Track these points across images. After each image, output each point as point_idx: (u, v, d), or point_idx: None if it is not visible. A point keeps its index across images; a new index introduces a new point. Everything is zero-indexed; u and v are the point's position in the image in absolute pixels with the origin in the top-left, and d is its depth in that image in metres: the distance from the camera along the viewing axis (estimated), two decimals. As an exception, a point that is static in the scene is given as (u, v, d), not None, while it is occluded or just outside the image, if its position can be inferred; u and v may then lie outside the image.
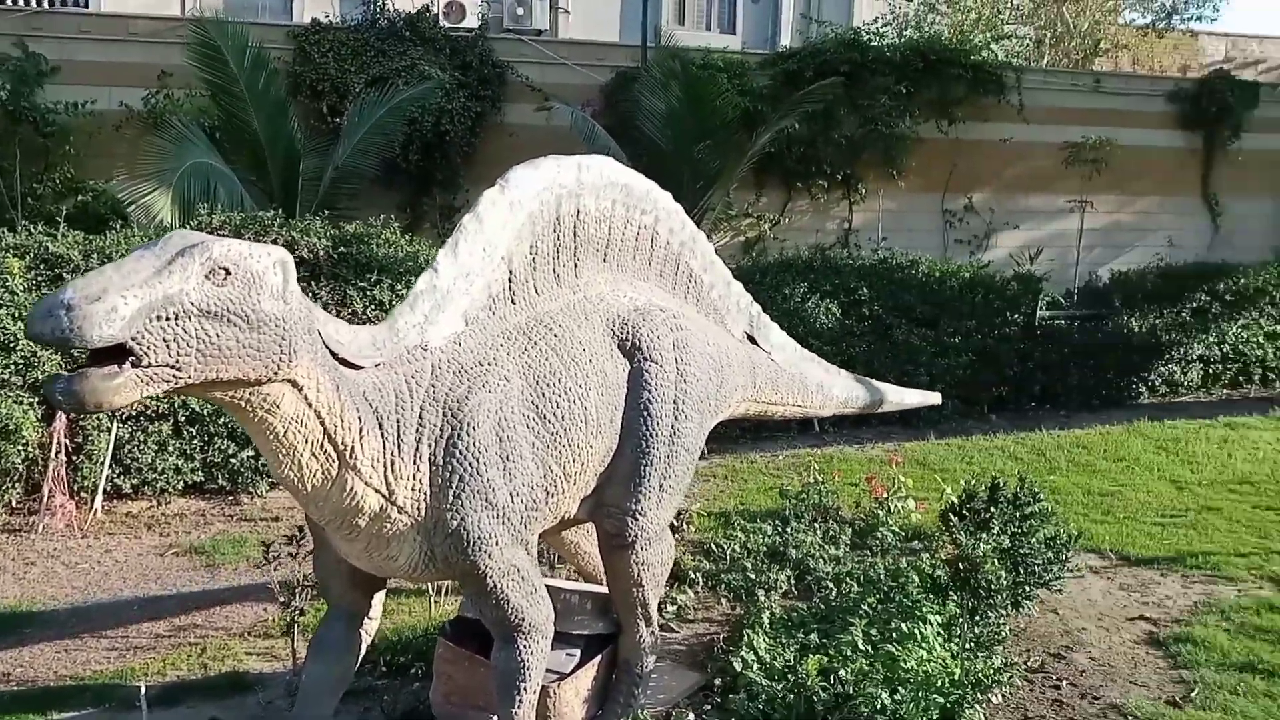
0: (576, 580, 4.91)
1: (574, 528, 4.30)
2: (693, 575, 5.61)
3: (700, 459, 8.37)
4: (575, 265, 3.69)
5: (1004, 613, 4.96)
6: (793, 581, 5.52)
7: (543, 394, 3.41)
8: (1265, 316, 11.96)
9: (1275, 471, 8.28)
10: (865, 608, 4.74)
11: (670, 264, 4.18)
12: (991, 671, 4.37)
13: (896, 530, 6.23)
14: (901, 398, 5.84)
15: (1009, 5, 21.46)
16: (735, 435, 8.78)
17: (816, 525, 6.23)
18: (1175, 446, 9.15)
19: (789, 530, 6.08)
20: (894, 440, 9.35)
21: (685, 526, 6.25)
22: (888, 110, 12.81)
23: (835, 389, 5.21)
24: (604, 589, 4.26)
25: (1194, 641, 5.02)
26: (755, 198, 12.84)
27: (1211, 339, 11.53)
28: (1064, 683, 4.66)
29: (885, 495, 6.55)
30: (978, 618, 4.74)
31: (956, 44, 15.06)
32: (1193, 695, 4.52)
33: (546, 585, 3.65)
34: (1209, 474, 8.26)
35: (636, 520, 3.83)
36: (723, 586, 5.52)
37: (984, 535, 5.22)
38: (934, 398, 6.18)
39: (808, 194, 13.11)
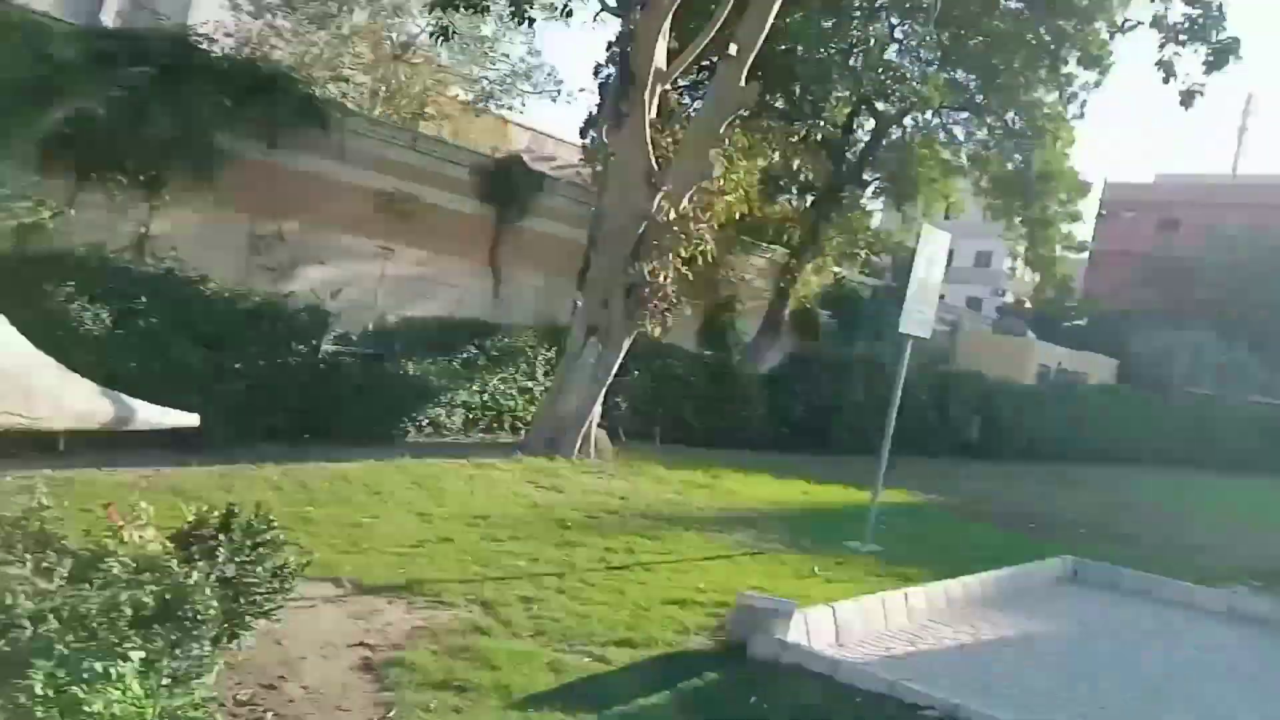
0: None
1: None
2: None
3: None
4: None
5: (214, 645, 4.81)
6: (-28, 623, 4.72)
7: None
8: (520, 372, 13.84)
9: (507, 507, 9.38)
10: (60, 647, 4.24)
11: None
12: (190, 707, 4.19)
13: (127, 561, 5.71)
14: (157, 417, 5.42)
15: (352, 52, 22.20)
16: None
17: (29, 556, 5.44)
18: (429, 483, 9.85)
19: (-11, 563, 5.19)
20: (152, 465, 8.66)
21: None
22: (205, 118, 12.19)
23: (73, 400, 4.63)
24: None
25: (403, 664, 5.31)
26: (39, 179, 11.21)
27: (475, 387, 12.95)
28: (270, 713, 4.63)
29: (122, 523, 5.99)
30: (180, 651, 4.52)
31: (291, 72, 15.04)
32: (390, 716, 4.79)
33: None
34: (452, 509, 9.00)
35: None
36: None
37: (203, 564, 5.04)
38: (191, 419, 5.85)
39: (103, 188, 11.84)
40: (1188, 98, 13.99)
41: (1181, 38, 14.20)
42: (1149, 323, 36.14)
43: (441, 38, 14.19)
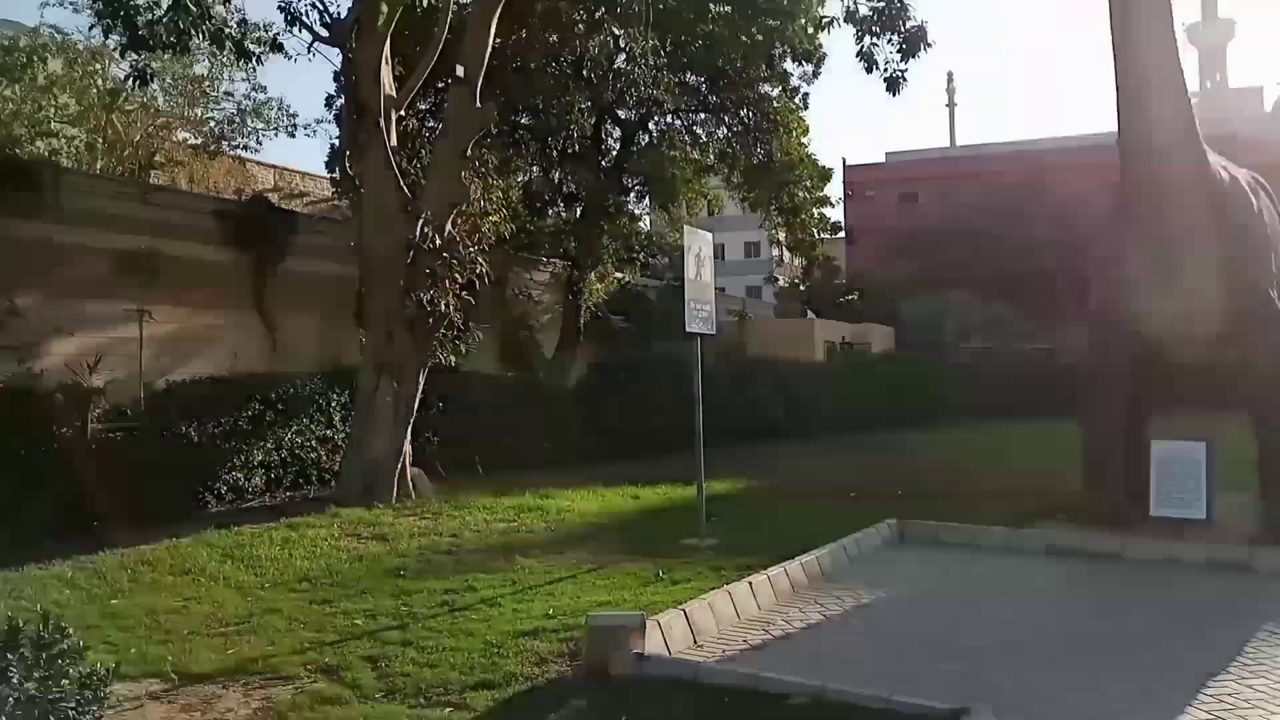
0: None
1: None
2: None
3: None
4: None
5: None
6: None
7: None
8: (316, 422, 13.03)
9: (330, 566, 8.83)
10: None
11: None
12: None
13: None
14: None
15: (54, 104, 20.21)
16: None
17: None
18: (241, 552, 9.17)
19: None
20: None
21: None
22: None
23: None
24: None
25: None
26: None
27: (270, 445, 12.09)
28: (112, 834, 4.11)
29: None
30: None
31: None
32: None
33: None
34: (272, 576, 8.42)
35: None
36: None
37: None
38: None
39: None
40: (892, 84, 15.03)
41: (875, 29, 15.15)
42: (912, 290, 38.97)
43: (140, 81, 13.03)
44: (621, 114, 22.79)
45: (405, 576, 8.46)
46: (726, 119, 23.83)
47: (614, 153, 23.61)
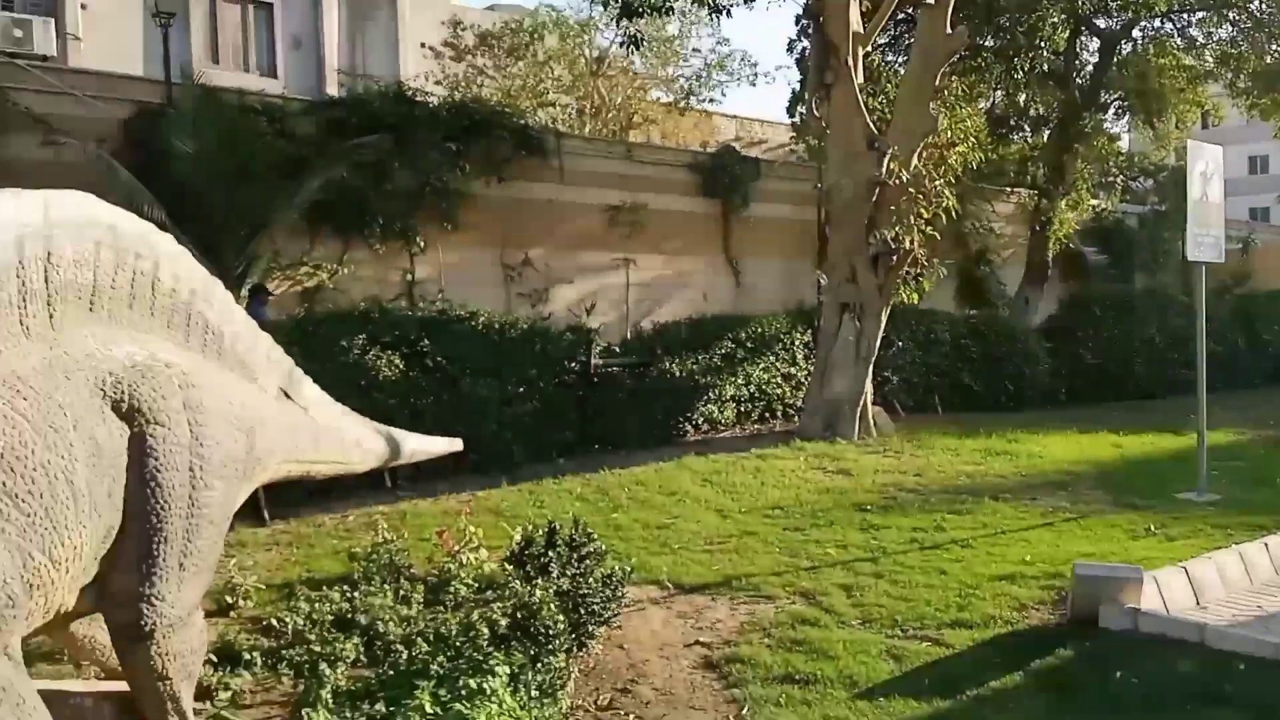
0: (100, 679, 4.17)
1: (85, 619, 3.67)
2: (249, 655, 5.00)
3: (259, 526, 7.68)
4: (50, 316, 3.10)
5: (567, 655, 4.95)
6: (362, 649, 5.10)
7: (12, 470, 2.83)
8: (780, 360, 13.66)
9: (799, 496, 9.22)
10: (435, 667, 4.56)
11: (179, 314, 3.71)
12: (559, 716, 4.39)
13: (470, 583, 6.03)
14: (429, 447, 5.79)
15: (551, 76, 22.81)
16: (299, 497, 8.11)
17: (388, 586, 5.88)
18: (718, 479, 9.86)
19: (357, 595, 5.67)
20: (468, 490, 9.14)
21: (241, 602, 5.79)
22: (438, 165, 12.78)
23: (373, 443, 5.03)
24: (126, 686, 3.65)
25: (742, 660, 5.28)
26: (309, 246, 12.15)
27: (740, 380, 12.90)
28: (631, 716, 4.72)
29: (457, 548, 6.35)
30: (540, 664, 4.67)
31: (503, 107, 15.60)
32: (744, 713, 4.74)
33: (51, 690, 3.14)
34: (747, 502, 8.98)
35: (154, 606, 3.37)
36: (284, 664, 4.97)
37: (541, 580, 5.22)
38: (457, 444, 6.14)
39: (366, 245, 12.66)
40: None
41: None
42: None
43: (633, 46, 14.21)
44: (1100, 23, 20.62)
45: (871, 511, 8.59)
46: (1231, 15, 20.57)
47: (1090, 67, 21.46)
